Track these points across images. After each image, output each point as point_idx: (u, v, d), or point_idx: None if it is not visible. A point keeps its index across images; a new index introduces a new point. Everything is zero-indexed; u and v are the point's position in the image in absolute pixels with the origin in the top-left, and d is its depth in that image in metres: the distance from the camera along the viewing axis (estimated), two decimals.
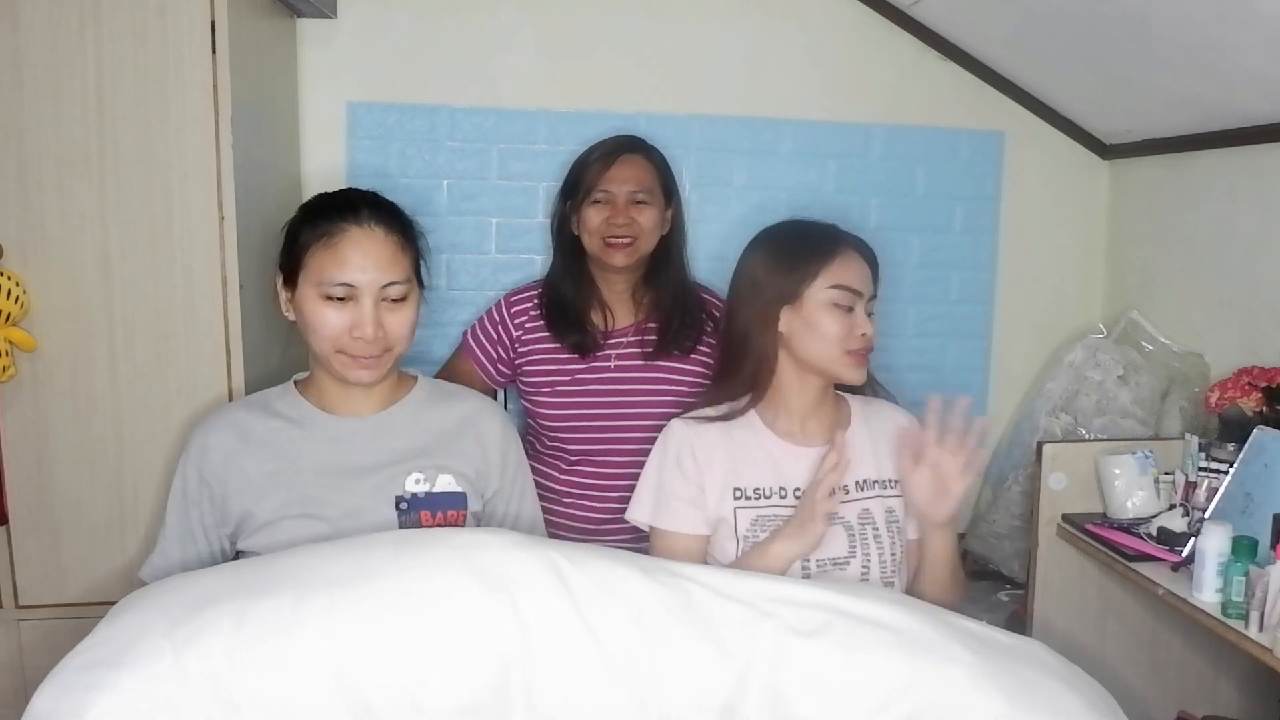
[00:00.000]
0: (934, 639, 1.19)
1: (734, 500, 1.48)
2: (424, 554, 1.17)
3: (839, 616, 1.21)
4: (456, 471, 1.45)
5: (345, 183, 2.22)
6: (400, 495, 1.41)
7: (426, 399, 1.49)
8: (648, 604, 1.16)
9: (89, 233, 1.61)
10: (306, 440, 1.41)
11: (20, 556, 1.66)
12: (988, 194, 2.47)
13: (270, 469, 1.39)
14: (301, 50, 2.19)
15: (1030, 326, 2.52)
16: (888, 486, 1.53)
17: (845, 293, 1.47)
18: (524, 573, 1.14)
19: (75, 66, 1.57)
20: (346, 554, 1.18)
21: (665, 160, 1.95)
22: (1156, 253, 2.35)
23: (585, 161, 1.91)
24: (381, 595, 1.10)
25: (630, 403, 1.87)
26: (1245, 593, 1.47)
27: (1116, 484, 1.86)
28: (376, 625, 1.08)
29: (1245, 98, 1.91)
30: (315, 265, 1.36)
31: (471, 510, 1.46)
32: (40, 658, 1.69)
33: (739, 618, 1.17)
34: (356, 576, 1.12)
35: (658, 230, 1.90)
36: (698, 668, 1.13)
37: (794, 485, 1.49)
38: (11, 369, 1.57)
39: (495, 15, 2.25)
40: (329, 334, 1.36)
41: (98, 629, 1.12)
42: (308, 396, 1.45)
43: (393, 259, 1.37)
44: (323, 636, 1.06)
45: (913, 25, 2.35)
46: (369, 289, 1.35)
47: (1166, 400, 2.18)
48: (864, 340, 1.48)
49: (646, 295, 1.95)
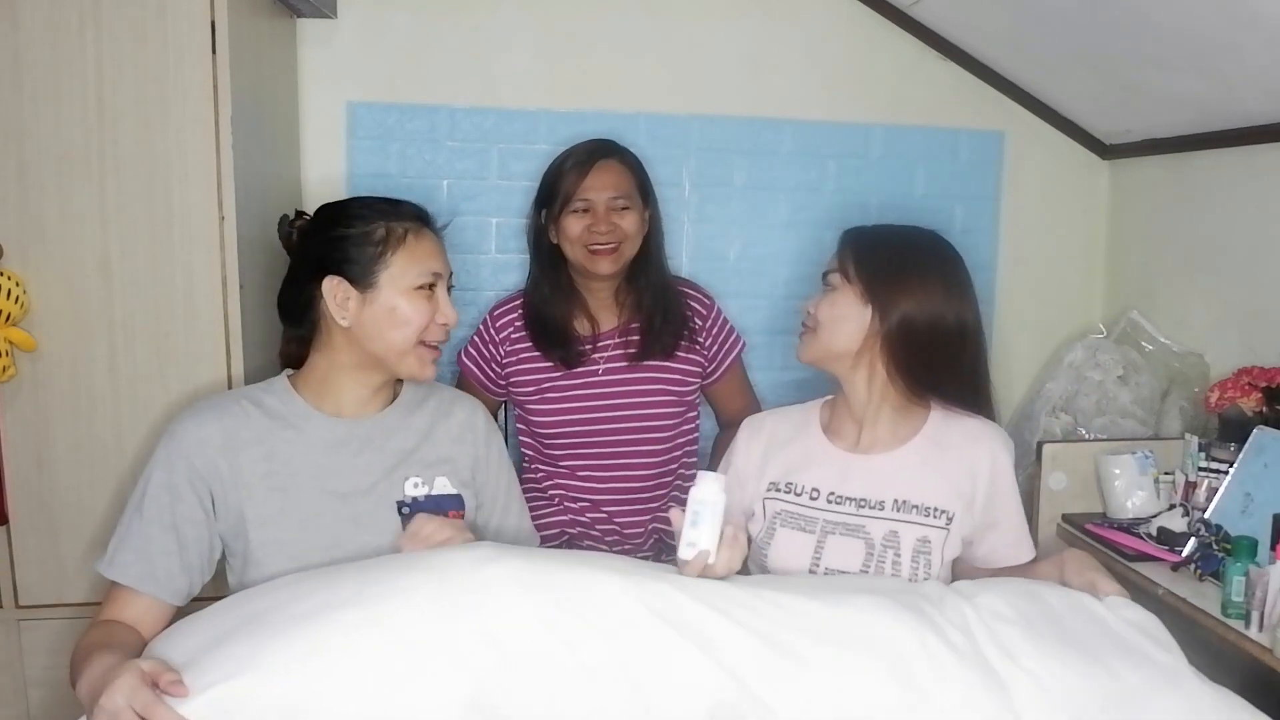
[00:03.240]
0: (926, 645, 1.17)
1: (766, 492, 1.52)
2: (394, 580, 1.14)
3: (823, 626, 1.18)
4: (450, 470, 1.46)
5: (346, 183, 2.23)
6: (401, 500, 1.41)
7: (414, 400, 1.51)
8: (625, 611, 1.13)
9: (89, 233, 1.61)
10: (301, 441, 1.40)
11: (20, 556, 1.66)
12: (988, 194, 2.47)
13: (264, 470, 1.36)
14: (301, 50, 2.19)
15: (1030, 326, 2.52)
16: (930, 514, 1.46)
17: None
18: (494, 590, 1.12)
19: (75, 66, 1.57)
20: (316, 589, 1.16)
21: (639, 161, 1.93)
22: (1156, 253, 2.35)
23: (560, 169, 1.88)
24: (347, 627, 1.08)
25: (619, 405, 1.86)
26: (1245, 593, 1.47)
27: (1116, 484, 1.86)
28: (340, 657, 1.06)
29: (1245, 98, 1.91)
30: (403, 260, 1.40)
31: (468, 509, 1.47)
32: (40, 658, 1.69)
33: (722, 624, 1.14)
34: (321, 611, 1.10)
35: (640, 233, 1.89)
36: (680, 673, 1.10)
37: (828, 489, 1.49)
38: (11, 369, 1.57)
39: (495, 15, 2.24)
40: (416, 326, 1.41)
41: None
42: (302, 394, 1.43)
43: (445, 252, 1.49)
44: (279, 676, 1.03)
45: (913, 25, 2.35)
46: (445, 278, 1.47)
47: (1166, 400, 2.19)
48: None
49: (629, 297, 1.94)
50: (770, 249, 2.39)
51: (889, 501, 1.47)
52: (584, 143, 1.91)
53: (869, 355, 1.47)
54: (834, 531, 1.47)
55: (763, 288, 2.40)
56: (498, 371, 1.95)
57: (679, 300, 1.96)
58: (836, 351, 1.48)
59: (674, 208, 2.33)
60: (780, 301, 2.40)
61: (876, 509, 1.46)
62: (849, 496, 1.48)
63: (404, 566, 1.19)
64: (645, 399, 1.89)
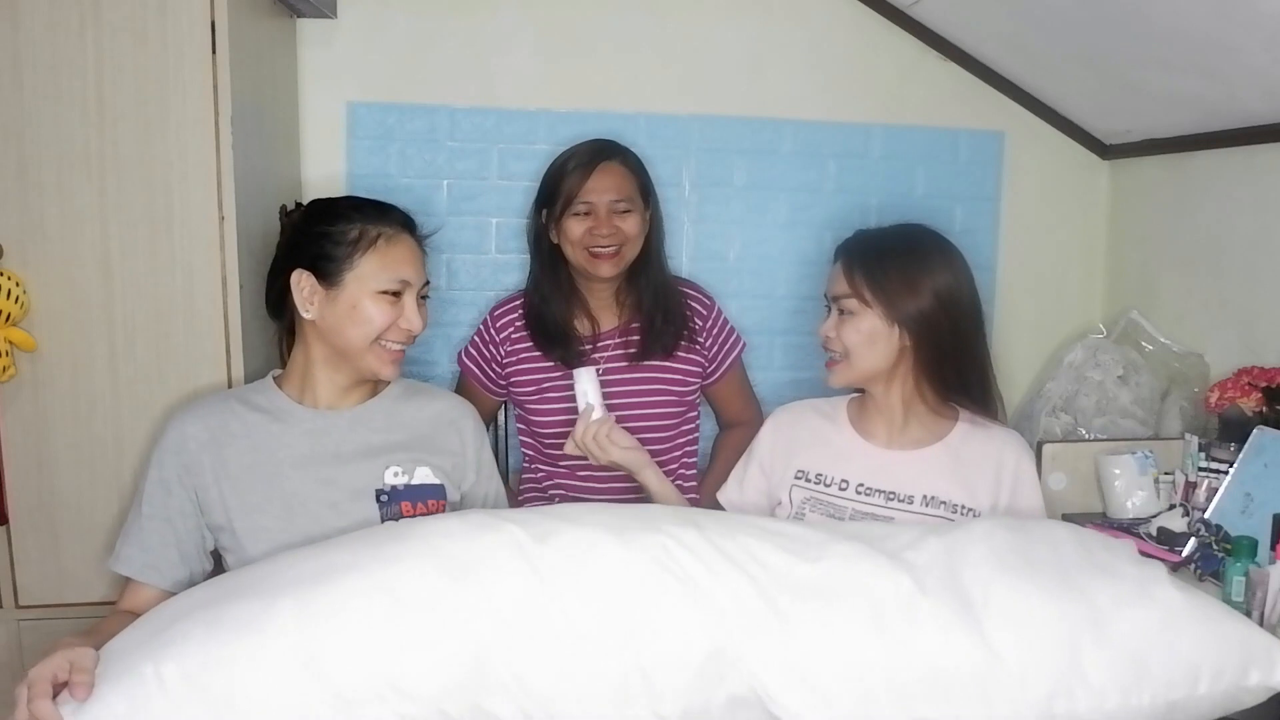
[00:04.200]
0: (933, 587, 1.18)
1: (794, 480, 1.56)
2: (391, 548, 1.17)
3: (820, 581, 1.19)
4: (434, 465, 1.48)
5: (346, 183, 2.23)
6: (380, 488, 1.44)
7: (401, 395, 1.54)
8: (621, 569, 1.15)
9: (89, 233, 1.61)
10: (285, 433, 1.45)
11: (20, 556, 1.66)
12: (988, 194, 2.47)
13: (249, 461, 1.42)
14: (301, 50, 2.19)
15: (1030, 326, 2.52)
16: (957, 511, 1.51)
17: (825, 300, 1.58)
18: (490, 556, 1.14)
19: (75, 66, 1.57)
20: (315, 556, 1.19)
21: (640, 161, 1.93)
22: (1156, 253, 2.35)
23: (562, 171, 1.87)
24: (351, 588, 1.11)
25: (620, 405, 1.86)
26: (1245, 593, 1.47)
27: (1116, 484, 1.86)
28: (346, 615, 1.08)
29: (1245, 98, 1.91)
30: (371, 263, 1.43)
31: (450, 500, 1.49)
32: (40, 658, 1.69)
33: (723, 572, 1.16)
34: (325, 574, 1.13)
35: (642, 235, 1.88)
36: (678, 624, 1.12)
37: (857, 481, 1.53)
38: (11, 369, 1.57)
39: (495, 15, 2.24)
40: (376, 327, 1.43)
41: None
42: (286, 391, 1.49)
43: (423, 262, 1.51)
44: (293, 629, 1.07)
45: (913, 25, 2.35)
46: (415, 287, 1.47)
47: (1166, 400, 2.19)
48: (825, 342, 1.55)
49: (629, 298, 1.93)
50: (770, 249, 2.39)
51: (918, 497, 1.52)
52: (586, 143, 1.90)
53: (902, 367, 1.53)
54: (862, 520, 1.50)
55: (763, 288, 2.40)
56: (498, 371, 1.95)
57: (679, 300, 1.95)
58: (871, 373, 1.53)
59: (674, 208, 2.33)
60: (780, 301, 2.40)
61: (905, 502, 1.52)
62: (878, 489, 1.53)
63: (401, 536, 1.20)
64: (645, 399, 1.89)
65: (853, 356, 1.51)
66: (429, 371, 2.25)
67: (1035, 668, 1.12)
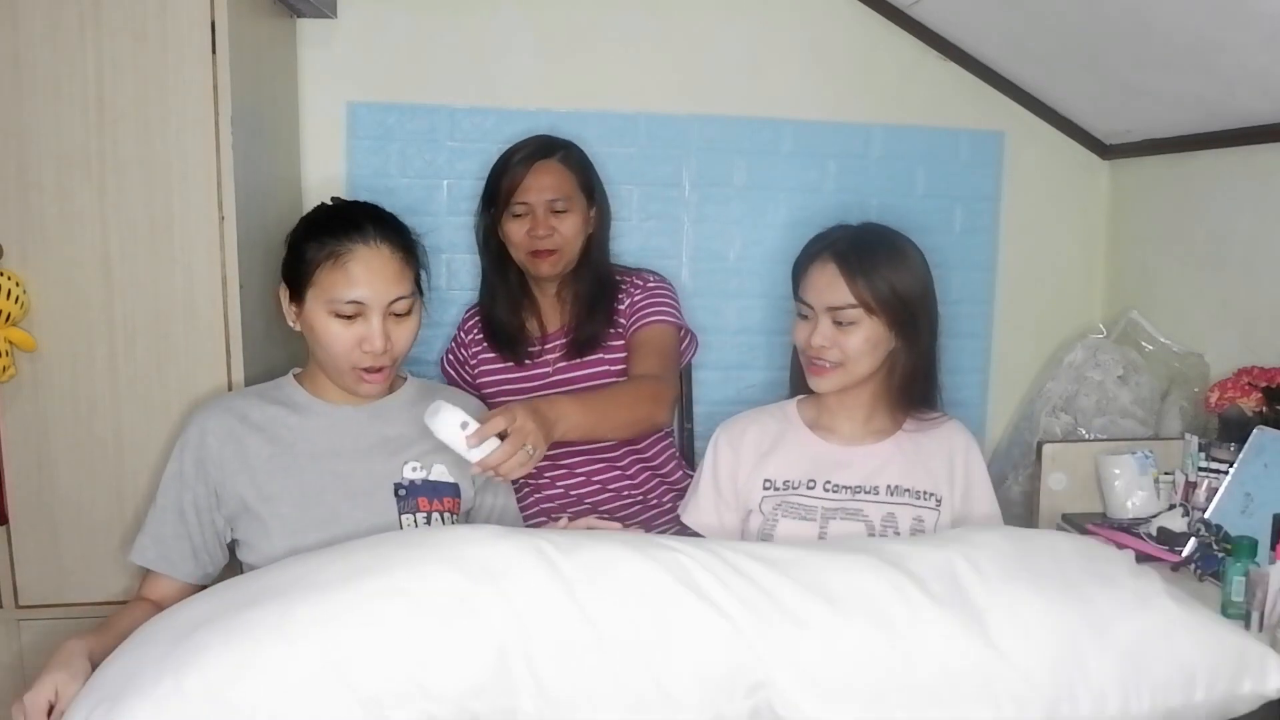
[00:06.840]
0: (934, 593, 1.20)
1: (764, 490, 1.57)
2: (410, 552, 1.17)
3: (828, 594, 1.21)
4: (449, 463, 1.48)
5: (346, 183, 2.23)
6: (398, 482, 1.45)
7: (418, 396, 1.54)
8: (645, 581, 1.16)
9: (89, 233, 1.61)
10: (304, 426, 1.46)
11: (20, 556, 1.66)
12: (988, 194, 2.47)
13: (268, 453, 1.43)
14: (301, 50, 2.18)
15: (1030, 326, 2.52)
16: (921, 497, 1.56)
17: (804, 306, 1.56)
18: (513, 563, 1.15)
19: (75, 66, 1.57)
20: (332, 561, 1.18)
21: (585, 157, 1.92)
22: (1156, 253, 2.35)
23: (501, 169, 1.87)
24: (371, 593, 1.11)
25: None
26: (1245, 593, 1.47)
27: (1116, 484, 1.86)
28: (369, 620, 1.08)
29: (1245, 98, 1.91)
30: (324, 283, 1.40)
31: (464, 498, 1.50)
32: (40, 658, 1.68)
33: (737, 587, 1.18)
34: (343, 579, 1.13)
35: (581, 235, 1.88)
36: (696, 636, 1.13)
37: (823, 479, 1.56)
38: (11, 369, 1.57)
39: (495, 15, 2.24)
40: (340, 349, 1.41)
41: (96, 674, 1.12)
42: (305, 387, 1.50)
43: (398, 275, 1.42)
44: (315, 637, 1.06)
45: (913, 25, 2.35)
46: (377, 305, 1.40)
47: (1166, 400, 2.19)
48: (817, 351, 1.53)
49: (569, 295, 1.93)
50: (770, 249, 2.39)
51: (883, 487, 1.56)
52: (526, 140, 1.90)
53: (884, 366, 1.56)
54: (834, 517, 1.54)
55: (763, 288, 2.40)
56: (470, 373, 1.97)
57: (613, 295, 1.92)
58: (862, 377, 1.55)
59: (674, 208, 2.34)
60: (780, 301, 2.39)
61: (872, 494, 1.56)
62: (844, 485, 1.56)
63: (419, 541, 1.21)
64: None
65: (851, 363, 1.52)
66: (429, 372, 2.25)
67: (1040, 670, 1.15)
